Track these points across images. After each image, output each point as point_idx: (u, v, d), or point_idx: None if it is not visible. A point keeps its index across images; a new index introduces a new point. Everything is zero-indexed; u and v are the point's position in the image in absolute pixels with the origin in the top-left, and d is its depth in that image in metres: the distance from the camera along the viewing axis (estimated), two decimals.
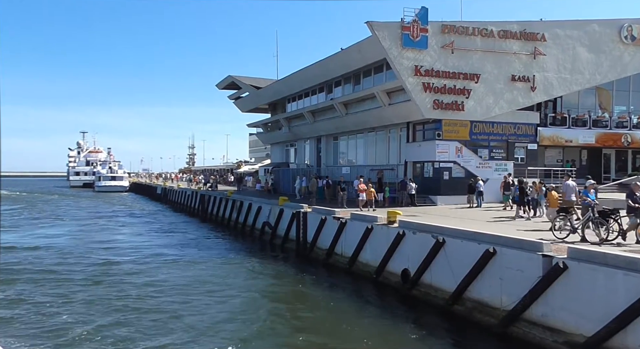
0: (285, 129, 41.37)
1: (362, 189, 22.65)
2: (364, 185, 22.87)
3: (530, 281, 10.47)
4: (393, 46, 24.39)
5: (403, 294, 14.73)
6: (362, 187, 22.71)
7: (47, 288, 15.73)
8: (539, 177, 25.84)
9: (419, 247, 14.41)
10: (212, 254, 22.46)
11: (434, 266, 13.74)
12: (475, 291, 12.17)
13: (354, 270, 17.79)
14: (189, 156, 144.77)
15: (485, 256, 11.75)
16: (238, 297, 15.05)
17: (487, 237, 12.18)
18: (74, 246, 24.51)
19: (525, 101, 26.62)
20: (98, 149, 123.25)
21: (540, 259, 10.37)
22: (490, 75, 25.85)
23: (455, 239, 13.12)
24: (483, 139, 26.50)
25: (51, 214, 42.59)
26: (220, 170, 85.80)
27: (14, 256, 21.32)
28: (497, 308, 11.41)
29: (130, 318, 12.73)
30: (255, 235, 27.78)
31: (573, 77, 27.24)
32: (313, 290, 16.38)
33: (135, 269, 18.73)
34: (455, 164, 25.90)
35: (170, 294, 15.05)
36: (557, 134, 28.38)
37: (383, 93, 27.63)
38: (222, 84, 48.39)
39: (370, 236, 17.06)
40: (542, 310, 10.20)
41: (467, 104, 25.54)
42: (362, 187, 22.71)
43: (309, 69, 34.47)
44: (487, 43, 25.74)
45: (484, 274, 11.91)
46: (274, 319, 12.88)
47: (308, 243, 21.62)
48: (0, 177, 69.68)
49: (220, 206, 35.32)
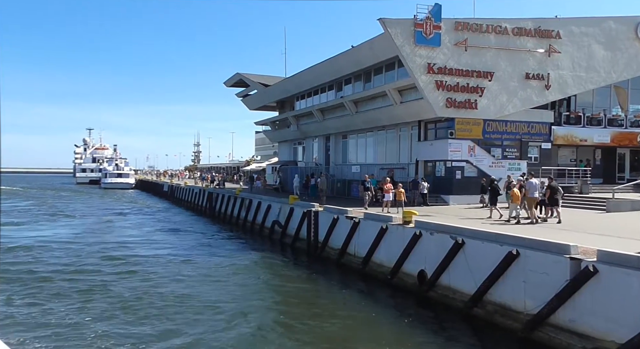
0: (294, 127, 41.07)
1: (388, 188, 21.40)
2: (390, 184, 21.72)
3: (556, 284, 10.14)
4: (406, 43, 24.02)
5: (419, 296, 14.42)
6: (388, 187, 21.46)
7: (57, 289, 15.53)
8: (554, 177, 25.37)
9: (437, 248, 14.09)
10: (222, 253, 22.23)
11: (453, 267, 13.43)
12: (496, 294, 11.84)
13: (367, 271, 17.49)
14: (194, 154, 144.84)
15: (508, 258, 11.43)
16: (249, 298, 14.78)
17: (509, 238, 11.85)
18: (87, 244, 24.29)
19: (540, 100, 26.19)
20: (104, 146, 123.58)
21: (567, 262, 10.03)
22: (504, 73, 25.43)
23: (475, 240, 12.79)
24: (496, 138, 26.10)
25: (64, 211, 42.51)
26: (227, 168, 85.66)
27: (27, 254, 21.16)
28: (520, 312, 11.09)
29: (140, 318, 12.51)
30: (265, 234, 27.53)
31: (588, 75, 26.78)
32: (326, 291, 16.11)
33: (145, 269, 18.51)
34: (467, 163, 25.53)
35: (179, 295, 14.77)
36: (571, 133, 27.92)
37: (394, 91, 27.27)
38: (230, 82, 48.11)
39: (385, 236, 16.75)
40: (569, 315, 9.87)
41: (480, 103, 25.14)
42: (388, 187, 21.46)
43: (318, 67, 34.14)
44: (501, 40, 25.32)
45: (506, 276, 11.58)
46: (285, 322, 12.59)
47: (319, 242, 21.34)
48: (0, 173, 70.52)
49: (228, 204, 35.10)
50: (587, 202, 22.69)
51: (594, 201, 22.55)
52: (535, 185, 17.56)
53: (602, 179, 29.13)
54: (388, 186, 21.59)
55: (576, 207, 22.00)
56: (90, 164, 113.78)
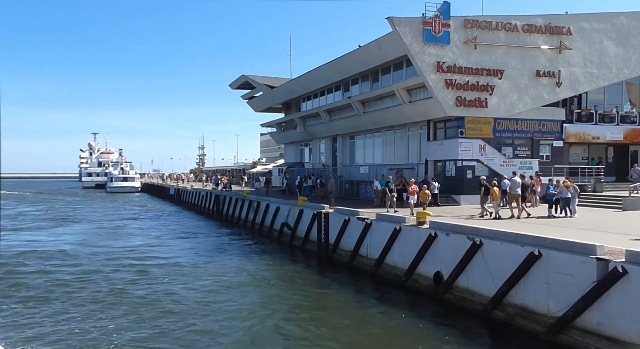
0: (300, 129, 40.83)
1: (413, 190, 20.68)
2: (415, 186, 20.94)
3: (582, 286, 9.81)
4: (414, 42, 23.75)
5: (436, 298, 14.11)
6: (413, 189, 20.73)
7: (69, 294, 15.32)
8: (565, 175, 25.03)
9: (453, 249, 13.78)
10: (232, 256, 21.98)
11: (470, 269, 13.11)
12: (517, 296, 11.52)
13: (380, 273, 17.19)
14: (199, 157, 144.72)
15: (530, 259, 11.10)
16: (261, 303, 14.51)
17: (530, 239, 11.52)
18: (96, 249, 24.07)
19: (551, 97, 25.85)
20: (110, 150, 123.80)
21: (594, 263, 9.70)
22: (514, 71, 25.11)
23: (494, 240, 12.47)
24: (507, 137, 25.77)
25: (74, 216, 42.34)
26: (232, 170, 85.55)
27: (39, 259, 21.00)
28: (543, 314, 10.77)
29: (148, 322, 12.31)
30: (274, 236, 27.27)
31: (600, 72, 26.41)
32: (338, 294, 15.79)
33: (155, 274, 18.28)
34: (478, 163, 25.21)
35: (190, 301, 14.49)
36: (583, 130, 27.52)
37: (403, 90, 26.98)
38: (235, 84, 47.99)
39: (399, 237, 16.44)
40: (597, 317, 9.54)
41: (490, 101, 24.83)
42: (413, 189, 20.73)
43: (325, 67, 33.91)
44: (511, 38, 25.00)
45: (527, 278, 11.25)
46: (298, 326, 12.30)
47: (330, 244, 21.05)
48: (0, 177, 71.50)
49: (236, 207, 34.89)
50: (602, 201, 22.33)
51: (609, 199, 22.17)
52: (517, 183, 18.76)
53: (614, 177, 28.71)
54: (413, 187, 20.86)
55: (591, 205, 21.64)
56: (95, 168, 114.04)
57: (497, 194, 18.54)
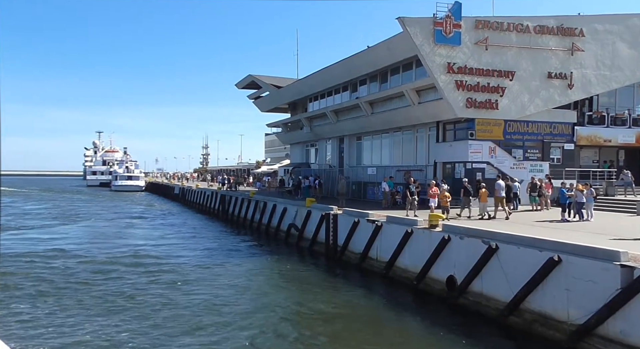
0: (307, 129, 40.60)
1: (433, 193, 20.02)
2: (436, 188, 20.22)
3: (605, 293, 9.55)
4: (425, 43, 23.47)
5: (449, 303, 13.86)
6: (434, 192, 20.06)
7: (76, 293, 15.15)
8: (577, 179, 24.73)
9: (467, 253, 13.53)
10: (239, 257, 21.80)
11: (486, 273, 12.85)
12: (535, 302, 11.25)
13: (391, 276, 16.96)
14: (202, 156, 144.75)
15: (548, 265, 10.84)
16: (269, 306, 14.24)
17: (549, 244, 11.25)
18: (103, 248, 23.97)
19: (562, 99, 25.51)
20: (114, 148, 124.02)
21: (618, 269, 9.43)
22: (526, 73, 24.80)
23: (510, 245, 12.21)
24: (517, 139, 25.43)
25: (79, 214, 42.31)
26: (236, 170, 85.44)
27: (44, 257, 20.86)
28: (563, 322, 10.50)
29: (154, 323, 12.14)
30: (280, 237, 27.06)
31: (612, 74, 26.06)
32: (348, 297, 15.51)
33: (161, 275, 18.08)
34: (488, 165, 24.89)
35: (197, 301, 14.30)
36: (595, 133, 27.17)
37: (412, 91, 26.70)
38: (241, 84, 47.83)
39: (410, 240, 16.20)
40: (621, 326, 9.28)
41: (501, 103, 24.52)
42: (434, 192, 20.06)
43: (332, 68, 33.67)
44: (523, 39, 24.69)
45: (546, 284, 10.99)
46: (306, 330, 12.07)
47: (339, 246, 20.83)
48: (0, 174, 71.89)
49: (242, 207, 34.69)
50: (615, 205, 22.00)
51: (622, 203, 21.84)
52: (501, 185, 19.70)
53: None
54: (434, 190, 20.28)
55: (604, 209, 21.29)
56: (100, 166, 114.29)
57: (484, 196, 19.36)
